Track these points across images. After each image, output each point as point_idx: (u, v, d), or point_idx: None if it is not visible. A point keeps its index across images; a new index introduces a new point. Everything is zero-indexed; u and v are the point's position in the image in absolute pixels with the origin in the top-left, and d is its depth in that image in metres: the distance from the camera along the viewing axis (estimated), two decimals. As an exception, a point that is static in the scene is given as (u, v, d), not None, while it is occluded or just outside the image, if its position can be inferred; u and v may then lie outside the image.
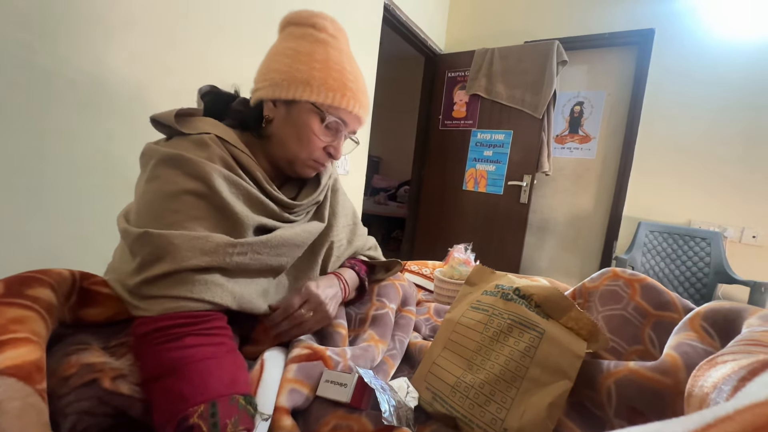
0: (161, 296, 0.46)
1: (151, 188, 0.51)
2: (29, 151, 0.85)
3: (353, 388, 0.45)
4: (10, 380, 0.32)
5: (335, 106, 0.59)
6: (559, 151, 2.64)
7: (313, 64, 0.58)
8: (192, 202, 0.50)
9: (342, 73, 0.59)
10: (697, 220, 2.15)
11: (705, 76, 2.09)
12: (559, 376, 0.47)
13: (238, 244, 0.51)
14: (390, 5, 2.13)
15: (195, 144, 0.54)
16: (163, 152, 0.51)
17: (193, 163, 0.50)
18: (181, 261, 0.46)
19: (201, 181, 0.50)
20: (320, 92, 0.57)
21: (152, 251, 0.46)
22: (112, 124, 0.98)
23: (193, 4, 1.13)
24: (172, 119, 0.55)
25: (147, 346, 0.44)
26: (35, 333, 0.38)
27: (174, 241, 0.46)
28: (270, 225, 0.58)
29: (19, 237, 0.86)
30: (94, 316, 0.50)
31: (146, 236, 0.46)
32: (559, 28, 2.48)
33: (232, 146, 0.56)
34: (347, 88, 0.59)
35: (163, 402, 0.41)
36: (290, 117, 0.59)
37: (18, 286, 0.42)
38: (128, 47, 1.00)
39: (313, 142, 0.60)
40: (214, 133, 0.56)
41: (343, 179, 1.98)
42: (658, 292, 0.57)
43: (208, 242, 0.48)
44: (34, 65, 0.84)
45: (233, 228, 0.52)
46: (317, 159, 0.63)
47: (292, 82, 0.57)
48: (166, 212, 0.49)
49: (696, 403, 0.30)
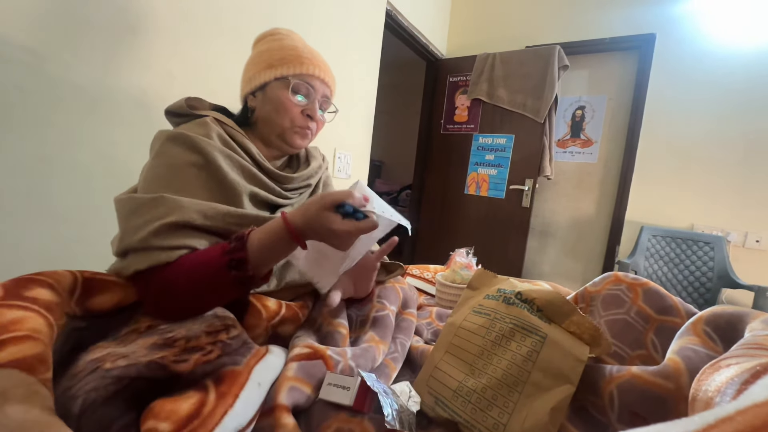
0: (175, 246, 0.52)
1: (158, 162, 0.58)
2: (35, 155, 0.86)
3: (356, 392, 0.45)
4: (14, 371, 0.34)
5: (297, 73, 0.69)
6: (561, 155, 2.64)
7: (272, 52, 0.70)
8: (194, 172, 0.58)
9: (295, 49, 0.70)
10: (700, 224, 2.14)
11: (706, 80, 2.10)
12: (562, 381, 0.47)
13: (236, 214, 0.57)
14: (392, 11, 2.15)
15: (196, 124, 0.63)
16: (169, 133, 0.60)
17: (192, 139, 0.58)
18: (188, 218, 0.53)
19: (200, 155, 0.58)
20: (281, 67, 0.68)
21: (165, 210, 0.52)
22: (115, 129, 0.99)
23: (196, 12, 1.14)
24: (183, 105, 0.66)
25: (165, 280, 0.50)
26: (35, 330, 0.39)
27: (183, 204, 0.53)
28: (262, 196, 0.65)
29: (23, 240, 0.86)
30: (102, 303, 0.51)
31: (161, 199, 0.53)
32: (560, 33, 2.49)
33: (229, 127, 0.66)
34: (303, 57, 0.70)
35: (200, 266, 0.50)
36: (266, 97, 0.70)
37: (16, 288, 0.43)
38: (133, 54, 1.01)
39: (290, 109, 0.69)
40: (213, 116, 0.66)
41: (344, 183, 1.98)
42: (661, 297, 0.57)
43: (211, 208, 0.55)
44: (40, 71, 0.85)
45: (230, 196, 0.60)
46: (299, 124, 0.70)
47: (260, 71, 0.69)
48: (174, 181, 0.56)
49: (700, 407, 0.30)
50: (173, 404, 0.38)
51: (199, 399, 0.39)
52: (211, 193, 0.58)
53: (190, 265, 0.51)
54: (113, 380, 0.38)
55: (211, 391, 0.41)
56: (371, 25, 2.01)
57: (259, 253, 0.50)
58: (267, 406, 0.44)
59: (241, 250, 0.49)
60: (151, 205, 0.53)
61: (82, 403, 0.36)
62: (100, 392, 0.37)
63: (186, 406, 0.38)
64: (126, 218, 0.54)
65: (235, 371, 0.44)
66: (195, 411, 0.38)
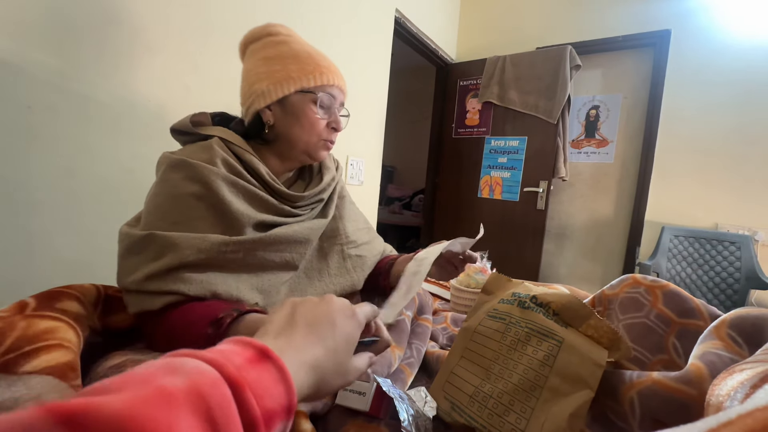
0: (164, 292, 0.50)
1: (159, 190, 0.57)
2: (61, 169, 0.91)
3: (372, 397, 0.46)
4: (48, 378, 0.35)
5: (319, 84, 0.65)
6: (576, 156, 2.60)
7: (285, 60, 0.64)
8: (193, 203, 0.55)
9: (311, 56, 0.66)
10: (725, 223, 2.07)
11: (725, 74, 2.04)
12: (580, 386, 0.46)
13: (231, 242, 0.55)
14: (401, 18, 2.17)
15: (200, 148, 0.60)
16: (171, 159, 0.58)
17: (194, 167, 0.56)
18: (181, 257, 0.51)
19: (201, 184, 0.56)
20: (302, 79, 0.64)
21: (157, 249, 0.52)
22: (136, 143, 1.03)
23: (211, 28, 1.18)
24: (188, 123, 0.64)
25: (154, 327, 0.50)
26: (66, 340, 0.41)
27: (175, 240, 0.51)
28: (270, 221, 0.62)
29: (52, 253, 0.91)
30: (119, 322, 0.54)
31: (152, 237, 0.52)
32: (571, 33, 2.47)
33: (236, 146, 0.63)
34: (322, 66, 0.66)
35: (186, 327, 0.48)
36: (287, 111, 0.65)
37: (48, 300, 0.46)
38: (152, 71, 1.05)
39: (316, 123, 0.66)
40: (219, 136, 0.62)
41: (357, 189, 2.00)
42: (682, 299, 0.56)
43: (204, 241, 0.53)
44: (67, 90, 0.89)
45: (231, 226, 0.57)
46: (326, 137, 0.68)
47: (276, 83, 0.63)
48: (172, 212, 0.55)
49: (712, 412, 0.29)
50: None
51: None
52: (211, 225, 0.56)
53: (174, 326, 0.50)
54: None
55: None
56: (380, 32, 2.04)
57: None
58: (285, 411, 0.45)
59: (214, 342, 0.44)
60: (143, 244, 0.52)
61: None
62: None
63: None
64: (122, 256, 0.54)
65: None
66: None
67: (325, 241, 0.72)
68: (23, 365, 0.35)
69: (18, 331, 0.39)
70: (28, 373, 0.35)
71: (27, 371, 0.35)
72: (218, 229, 0.56)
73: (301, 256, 0.65)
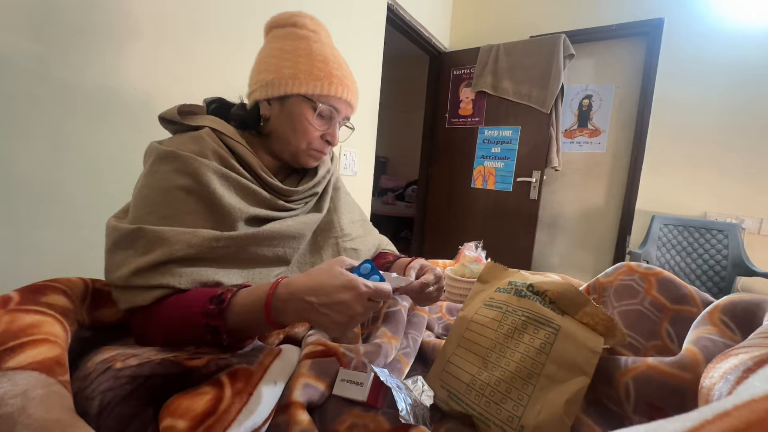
0: (153, 286, 0.49)
1: (147, 183, 0.54)
2: (46, 160, 0.88)
3: (369, 387, 0.45)
4: (33, 373, 0.34)
5: (324, 94, 0.62)
6: (569, 145, 2.61)
7: (298, 59, 0.61)
8: (182, 197, 0.53)
9: (326, 62, 0.62)
10: (713, 212, 2.10)
11: (717, 64, 2.05)
12: (576, 373, 0.46)
13: (222, 238, 0.53)
14: (393, 5, 2.13)
15: (190, 139, 0.57)
16: (160, 150, 0.55)
17: (184, 159, 0.53)
18: (171, 252, 0.49)
19: (191, 177, 0.53)
20: (308, 83, 0.61)
21: (145, 244, 0.50)
22: (123, 132, 1.00)
23: (198, 14, 1.14)
24: (175, 114, 0.61)
25: (146, 321, 0.49)
26: (53, 335, 0.40)
27: (164, 235, 0.50)
28: (263, 215, 0.60)
29: (38, 245, 0.88)
30: (108, 316, 0.53)
31: (140, 231, 0.50)
32: (564, 22, 2.45)
33: (228, 137, 0.60)
34: (333, 75, 0.62)
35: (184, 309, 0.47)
36: (285, 112, 0.63)
37: (32, 294, 0.44)
38: (138, 58, 1.02)
39: (310, 132, 0.63)
40: (210, 127, 0.60)
41: (350, 180, 1.98)
42: (676, 286, 0.56)
43: (195, 236, 0.51)
44: (50, 78, 0.86)
45: (221, 221, 0.55)
46: (316, 147, 0.66)
47: (282, 79, 0.61)
48: (161, 206, 0.52)
49: (704, 395, 0.29)
50: (189, 401, 0.39)
51: (215, 395, 0.40)
52: (201, 219, 0.54)
53: (170, 313, 0.48)
54: (128, 380, 0.38)
55: (226, 387, 0.41)
56: (373, 20, 2.00)
57: (237, 324, 0.46)
58: (282, 403, 0.45)
59: (217, 318, 0.45)
60: (131, 239, 0.50)
61: (99, 404, 0.37)
62: (117, 392, 0.38)
63: (202, 402, 0.39)
64: (110, 251, 0.52)
65: (249, 369, 0.45)
66: (211, 408, 0.38)
67: (320, 234, 0.71)
68: (7, 361, 0.34)
69: (1, 325, 0.38)
70: (12, 369, 0.33)
71: (11, 367, 0.34)
72: (209, 223, 0.54)
73: (294, 250, 0.64)
